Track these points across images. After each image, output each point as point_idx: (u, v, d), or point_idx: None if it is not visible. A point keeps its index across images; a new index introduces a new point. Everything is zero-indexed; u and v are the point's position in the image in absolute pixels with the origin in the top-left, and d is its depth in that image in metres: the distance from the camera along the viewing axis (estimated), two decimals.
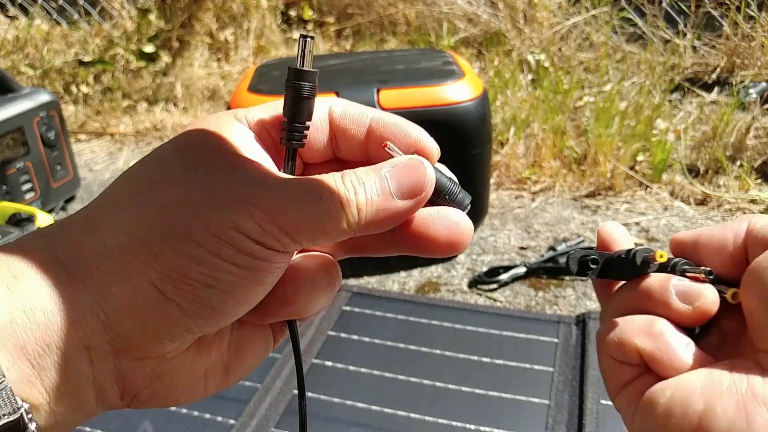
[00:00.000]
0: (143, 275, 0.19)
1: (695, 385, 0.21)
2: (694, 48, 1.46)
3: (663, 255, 0.23)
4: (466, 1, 1.62)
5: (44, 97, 0.99)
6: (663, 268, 0.23)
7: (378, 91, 0.75)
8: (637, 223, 0.93)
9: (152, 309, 0.19)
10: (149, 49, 1.60)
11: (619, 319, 0.24)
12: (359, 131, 0.23)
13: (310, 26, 1.75)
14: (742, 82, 1.33)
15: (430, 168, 0.22)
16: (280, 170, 0.22)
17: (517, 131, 1.15)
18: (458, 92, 0.76)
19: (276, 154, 0.23)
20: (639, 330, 0.22)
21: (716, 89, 1.35)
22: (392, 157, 0.22)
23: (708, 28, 1.46)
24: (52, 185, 1.02)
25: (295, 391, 0.62)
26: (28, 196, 0.98)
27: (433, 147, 0.24)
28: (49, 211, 1.00)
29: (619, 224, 0.27)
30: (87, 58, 1.61)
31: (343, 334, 0.69)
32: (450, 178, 0.23)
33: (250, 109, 0.23)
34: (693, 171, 1.05)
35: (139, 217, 0.19)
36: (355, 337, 0.69)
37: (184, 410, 0.60)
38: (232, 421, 0.59)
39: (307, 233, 0.20)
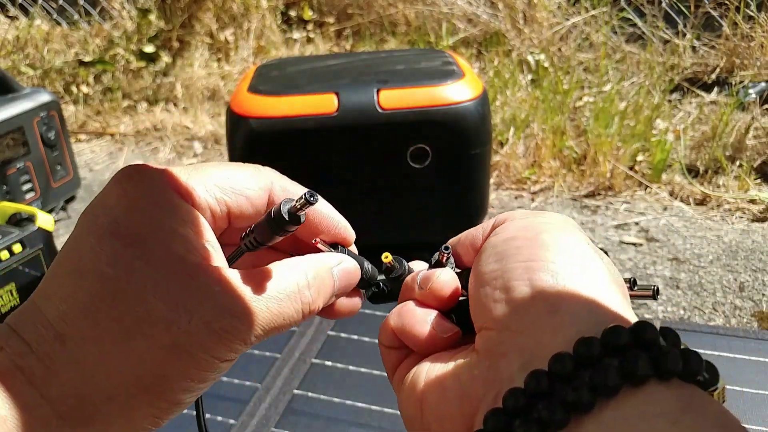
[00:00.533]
0: (145, 417, 0.21)
1: (425, 368, 0.23)
2: (693, 48, 1.46)
3: (388, 256, 0.26)
4: (465, 1, 1.62)
5: (44, 97, 0.99)
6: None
7: (378, 91, 0.75)
8: (636, 223, 0.94)
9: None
10: (149, 49, 1.61)
11: None
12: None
13: (310, 26, 1.76)
14: (741, 82, 1.33)
15: (359, 270, 0.26)
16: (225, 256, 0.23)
17: (516, 131, 1.15)
18: (458, 92, 0.76)
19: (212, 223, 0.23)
20: (394, 313, 0.25)
21: (716, 89, 1.35)
22: (319, 249, 0.25)
23: (707, 29, 1.46)
24: (52, 185, 1.02)
25: (296, 390, 0.63)
26: (29, 196, 0.98)
27: (353, 236, 0.27)
28: (49, 211, 1.00)
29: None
30: (87, 58, 1.61)
31: (343, 334, 0.70)
32: (362, 259, 0.27)
33: (193, 183, 0.23)
34: (692, 171, 1.06)
35: (131, 359, 0.20)
36: (355, 337, 0.69)
37: (185, 410, 0.60)
38: (232, 421, 0.59)
39: (273, 333, 0.22)
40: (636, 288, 0.24)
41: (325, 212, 0.25)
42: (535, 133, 1.14)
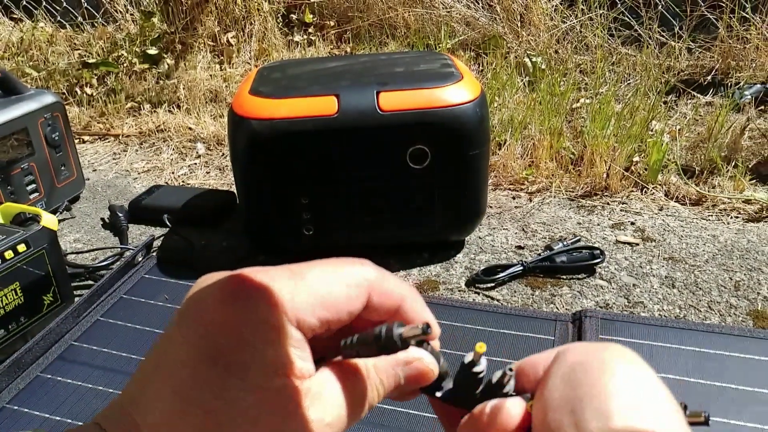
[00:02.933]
0: None
1: None
2: (689, 50, 1.48)
3: (482, 347, 0.25)
4: (464, 4, 1.64)
5: (48, 99, 1.00)
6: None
7: (378, 93, 0.76)
8: (632, 223, 0.95)
9: None
10: (152, 51, 1.62)
11: None
12: (384, 314, 0.26)
13: (311, 29, 1.77)
14: (737, 83, 1.34)
15: (435, 373, 0.25)
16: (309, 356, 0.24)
17: (514, 132, 1.16)
18: (457, 94, 0.77)
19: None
20: None
21: (711, 91, 1.36)
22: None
23: (703, 31, 1.48)
24: (56, 185, 1.03)
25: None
26: (33, 196, 0.99)
27: (438, 332, 0.26)
28: (54, 211, 1.01)
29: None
30: (91, 60, 1.62)
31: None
32: (441, 358, 0.26)
33: (297, 305, 0.23)
34: (688, 171, 1.07)
35: None
36: None
37: None
38: None
39: None
40: (687, 414, 0.24)
41: (417, 307, 0.26)
42: (532, 135, 1.15)
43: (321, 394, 0.22)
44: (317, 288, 0.23)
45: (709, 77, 1.40)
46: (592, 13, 1.50)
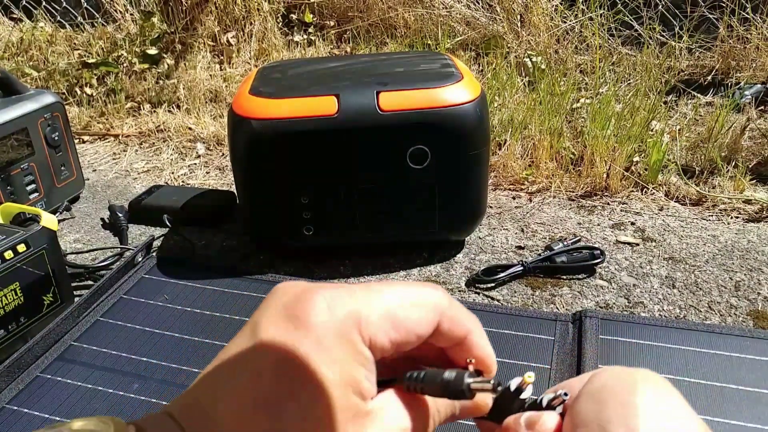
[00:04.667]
0: None
1: None
2: (689, 50, 1.48)
3: (531, 376, 0.25)
4: (464, 4, 1.64)
5: (48, 99, 1.00)
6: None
7: (378, 93, 0.76)
8: (632, 223, 0.95)
9: None
10: (152, 51, 1.62)
11: None
12: (449, 342, 0.26)
13: (311, 29, 1.77)
14: (737, 83, 1.34)
15: (489, 407, 0.26)
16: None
17: (514, 133, 1.16)
18: (457, 94, 0.77)
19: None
20: None
21: (711, 91, 1.36)
22: (466, 368, 0.25)
23: (703, 31, 1.48)
24: (56, 185, 1.03)
25: None
26: (33, 196, 0.99)
27: (495, 367, 0.27)
28: (53, 211, 1.01)
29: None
30: (91, 60, 1.62)
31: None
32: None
33: (366, 320, 0.23)
34: (688, 172, 1.07)
35: None
36: None
37: None
38: None
39: None
40: None
41: (482, 342, 0.27)
42: (532, 135, 1.15)
43: (382, 417, 0.23)
44: (393, 309, 0.24)
45: (709, 77, 1.40)
46: (592, 13, 1.50)
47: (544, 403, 0.26)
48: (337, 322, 0.22)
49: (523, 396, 0.26)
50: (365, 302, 0.23)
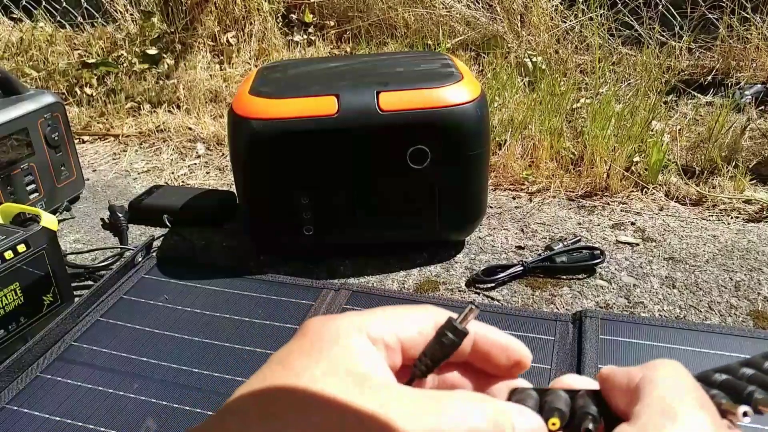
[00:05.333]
0: None
1: None
2: (689, 50, 1.48)
3: (555, 423, 0.24)
4: (464, 4, 1.64)
5: (48, 99, 1.00)
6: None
7: (378, 93, 0.76)
8: (632, 223, 0.95)
9: None
10: (152, 51, 1.62)
11: None
12: (491, 357, 0.27)
13: (311, 29, 1.77)
14: (737, 83, 1.34)
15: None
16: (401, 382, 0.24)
17: (514, 133, 1.16)
18: (457, 94, 0.77)
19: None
20: None
21: (711, 91, 1.36)
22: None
23: (703, 31, 1.48)
24: (56, 186, 1.03)
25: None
26: (33, 196, 0.99)
27: (529, 355, 0.27)
28: (53, 212, 1.01)
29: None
30: (91, 60, 1.62)
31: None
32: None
33: (367, 321, 0.24)
34: (688, 172, 1.07)
35: None
36: None
37: (187, 407, 0.61)
38: None
39: None
40: None
41: (494, 337, 0.27)
42: (532, 135, 1.15)
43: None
44: (390, 309, 0.25)
45: (709, 77, 1.40)
46: (592, 13, 1.50)
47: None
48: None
49: None
50: (381, 325, 0.24)
